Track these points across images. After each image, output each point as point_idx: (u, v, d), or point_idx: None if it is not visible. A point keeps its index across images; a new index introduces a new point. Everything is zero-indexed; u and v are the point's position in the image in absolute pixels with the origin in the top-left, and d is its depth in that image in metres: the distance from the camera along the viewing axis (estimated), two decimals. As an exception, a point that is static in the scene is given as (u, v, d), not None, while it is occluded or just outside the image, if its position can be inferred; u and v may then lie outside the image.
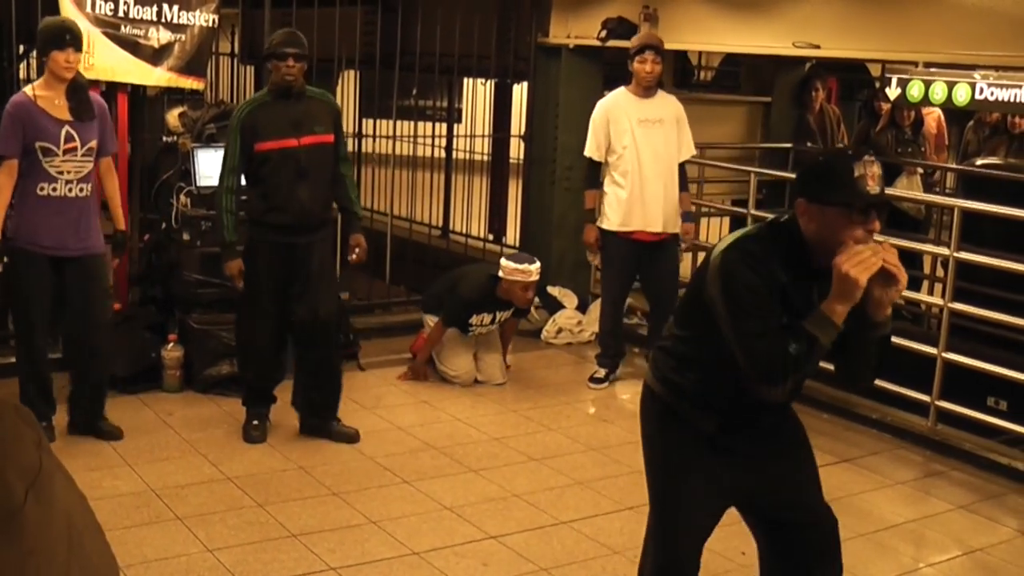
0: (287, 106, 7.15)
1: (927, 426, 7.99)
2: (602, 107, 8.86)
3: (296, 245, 7.20)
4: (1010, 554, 6.32)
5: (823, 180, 4.00)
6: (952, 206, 8.87)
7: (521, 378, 8.82)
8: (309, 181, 7.16)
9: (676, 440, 4.34)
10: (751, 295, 3.94)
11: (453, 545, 6.01)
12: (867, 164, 3.88)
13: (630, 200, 8.70)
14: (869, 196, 3.87)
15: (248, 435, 7.39)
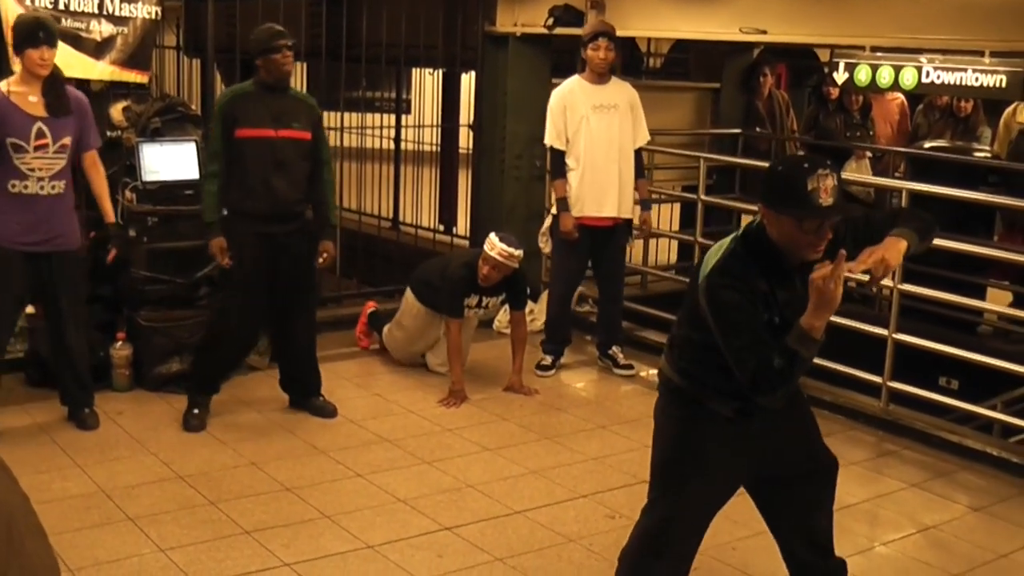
0: (269, 100, 7.31)
1: (879, 407, 8.03)
2: (559, 95, 8.89)
3: (274, 235, 7.33)
4: (962, 530, 6.37)
5: (778, 190, 4.25)
6: (900, 188, 8.90)
7: (474, 368, 8.79)
8: (284, 173, 7.32)
9: (697, 425, 4.61)
10: (737, 313, 4.21)
11: (408, 537, 5.99)
12: (821, 177, 4.09)
13: (584, 186, 8.73)
14: (819, 210, 4.10)
15: (187, 423, 7.43)
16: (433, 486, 6.68)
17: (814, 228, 4.16)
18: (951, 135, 12.09)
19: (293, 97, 7.50)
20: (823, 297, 4.03)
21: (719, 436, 4.58)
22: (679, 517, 4.66)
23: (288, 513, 6.21)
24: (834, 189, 4.13)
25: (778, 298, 4.29)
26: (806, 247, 4.22)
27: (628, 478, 6.92)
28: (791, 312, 4.22)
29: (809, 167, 4.17)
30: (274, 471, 6.76)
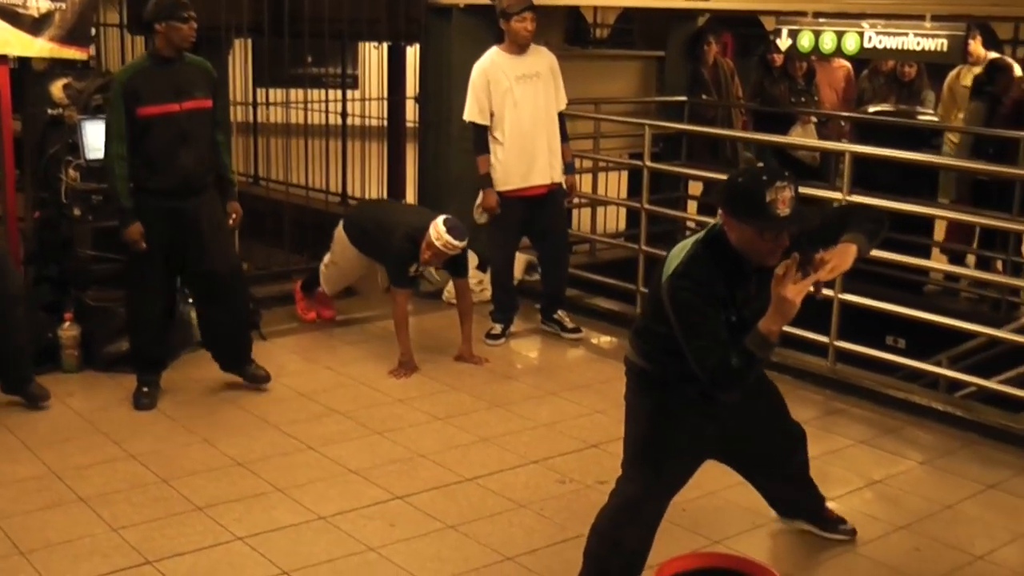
0: (167, 72, 7.16)
1: (827, 366, 8.09)
2: (480, 70, 8.87)
3: (183, 209, 7.25)
4: (909, 484, 6.44)
5: (738, 201, 4.49)
6: (843, 151, 8.95)
7: (424, 339, 8.79)
8: (191, 146, 7.22)
9: (668, 404, 4.88)
10: (698, 315, 4.49)
11: (360, 508, 6.01)
12: (779, 189, 4.35)
13: (513, 157, 8.76)
14: (778, 220, 4.37)
15: (138, 402, 7.42)
16: (384, 456, 6.70)
17: (773, 236, 4.43)
18: (895, 99, 12.16)
19: (190, 64, 7.32)
20: (785, 304, 4.27)
21: (688, 413, 4.85)
22: (654, 492, 4.88)
23: (240, 488, 6.22)
24: (792, 200, 4.38)
25: (736, 298, 4.56)
26: (766, 253, 4.47)
27: (578, 443, 6.97)
28: (748, 312, 4.52)
29: (768, 179, 4.41)
30: (225, 447, 6.77)
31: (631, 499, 4.90)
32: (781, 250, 4.46)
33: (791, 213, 4.39)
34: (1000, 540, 5.93)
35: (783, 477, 5.69)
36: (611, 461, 6.54)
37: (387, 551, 5.55)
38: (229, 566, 5.36)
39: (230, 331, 7.78)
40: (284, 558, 5.44)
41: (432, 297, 9.95)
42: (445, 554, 5.55)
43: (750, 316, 4.48)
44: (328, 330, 9.12)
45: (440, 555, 5.54)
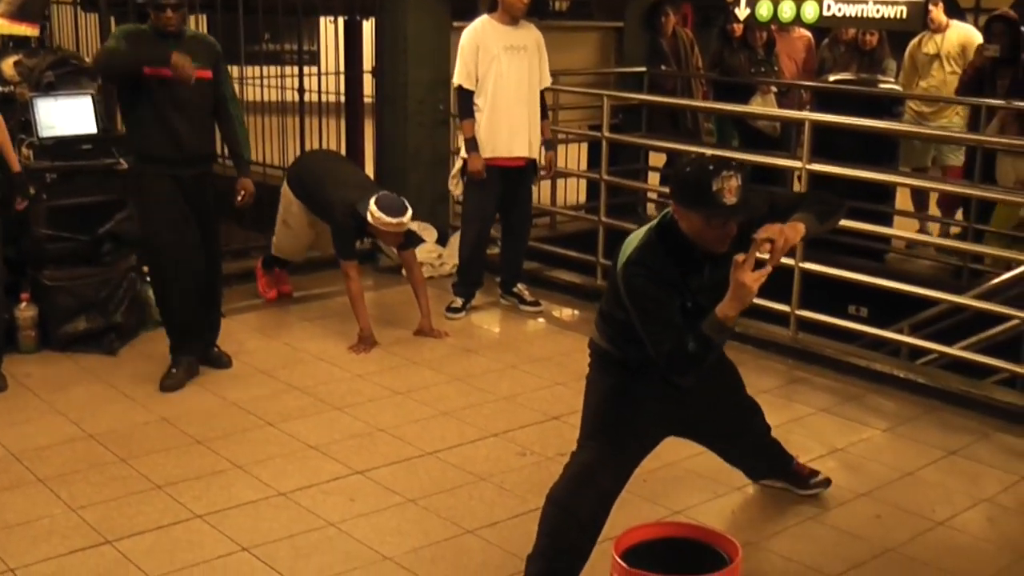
0: (166, 43, 7.07)
1: (789, 335, 8.11)
2: (470, 34, 8.83)
3: (181, 178, 7.23)
4: (870, 451, 6.47)
5: (686, 190, 4.59)
6: (803, 119, 8.95)
7: (383, 313, 8.78)
8: (186, 114, 7.18)
9: (627, 380, 4.98)
10: (652, 302, 4.63)
11: (319, 483, 5.99)
12: (725, 179, 4.44)
13: (495, 127, 8.74)
14: (724, 209, 4.46)
15: (164, 382, 7.36)
16: (344, 431, 6.68)
17: (720, 224, 4.53)
18: (856, 68, 12.16)
19: (191, 38, 7.32)
20: (743, 290, 4.42)
21: (648, 393, 4.98)
22: (609, 462, 4.88)
23: (199, 465, 6.19)
24: (738, 189, 4.46)
25: (690, 285, 4.68)
26: (714, 241, 4.59)
27: (538, 416, 6.96)
28: (703, 298, 4.63)
29: (715, 169, 4.50)
30: (184, 425, 6.73)
31: (585, 467, 4.90)
32: (729, 238, 4.60)
33: (738, 201, 4.48)
34: (961, 506, 5.95)
35: (746, 447, 5.81)
36: (572, 433, 6.53)
37: (347, 526, 5.53)
38: (189, 544, 5.33)
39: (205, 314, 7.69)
40: (244, 535, 5.42)
41: (391, 272, 9.92)
42: (405, 528, 5.54)
43: (705, 303, 4.61)
44: (287, 307, 9.08)
45: (400, 529, 5.52)
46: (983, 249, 10.38)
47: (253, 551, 5.27)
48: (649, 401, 5.00)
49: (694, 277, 4.71)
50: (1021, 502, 6.11)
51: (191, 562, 5.16)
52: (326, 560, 5.21)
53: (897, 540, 5.55)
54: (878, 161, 11.03)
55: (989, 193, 10.12)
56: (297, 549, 5.30)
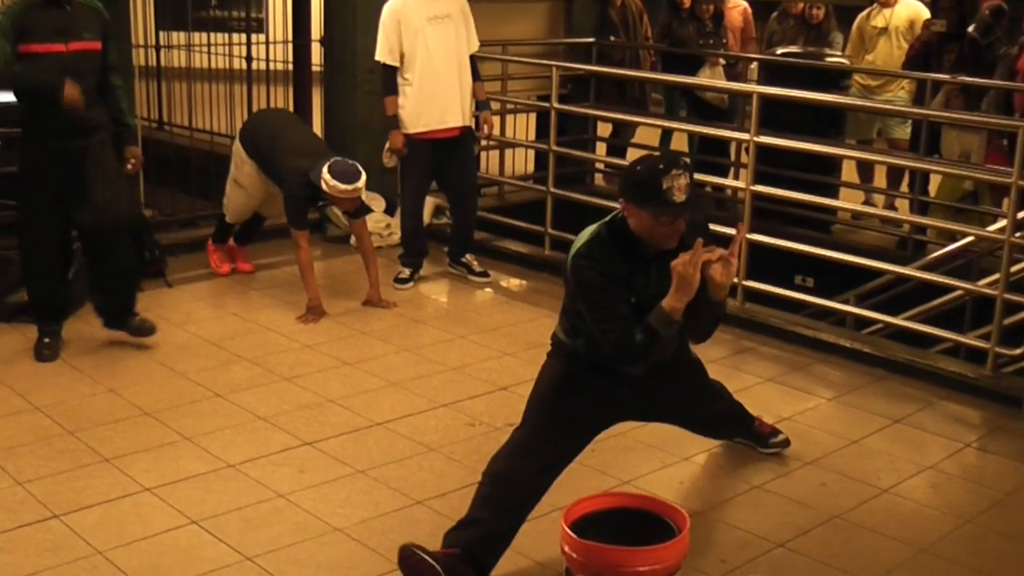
0: (56, 12, 6.96)
1: (736, 305, 8.13)
2: (391, 10, 8.77)
3: (70, 149, 7.09)
4: (816, 419, 6.52)
5: (636, 188, 4.72)
6: (751, 92, 8.98)
7: (331, 283, 8.76)
8: (74, 78, 6.97)
9: (576, 367, 5.06)
10: (599, 293, 4.75)
11: (268, 454, 5.98)
12: (674, 177, 4.57)
13: (424, 99, 8.71)
14: (673, 207, 4.59)
15: (39, 353, 7.29)
16: (293, 402, 6.67)
17: (669, 221, 4.65)
18: (804, 41, 12.23)
19: (80, 5, 7.13)
20: (684, 282, 4.55)
21: (597, 380, 5.05)
22: (546, 440, 4.92)
23: (148, 438, 6.16)
24: (687, 187, 4.60)
25: (635, 282, 4.80)
26: (662, 238, 4.71)
27: (488, 386, 6.98)
28: (650, 295, 4.75)
29: (664, 168, 4.63)
30: (132, 396, 6.70)
31: (522, 444, 4.96)
32: (678, 235, 4.73)
33: (687, 199, 4.62)
34: (905, 473, 6.01)
35: (705, 425, 5.99)
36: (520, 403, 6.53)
37: (296, 497, 5.53)
38: (138, 517, 5.31)
39: (109, 287, 7.51)
40: (193, 507, 5.41)
41: (340, 241, 9.90)
42: (355, 499, 5.54)
43: (650, 300, 4.74)
44: (235, 276, 9.03)
45: (350, 500, 5.53)
46: (928, 221, 10.46)
47: (202, 524, 5.26)
48: (597, 389, 5.06)
49: (640, 275, 4.82)
50: (964, 469, 6.20)
51: (140, 536, 5.15)
52: (275, 532, 5.21)
53: (843, 507, 5.60)
54: (825, 134, 11.10)
55: (934, 166, 10.20)
56: (246, 521, 5.30)
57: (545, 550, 4.90)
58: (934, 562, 5.15)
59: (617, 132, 13.45)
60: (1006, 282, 7.20)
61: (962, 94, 10.91)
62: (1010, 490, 5.89)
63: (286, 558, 4.99)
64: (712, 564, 5.03)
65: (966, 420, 6.88)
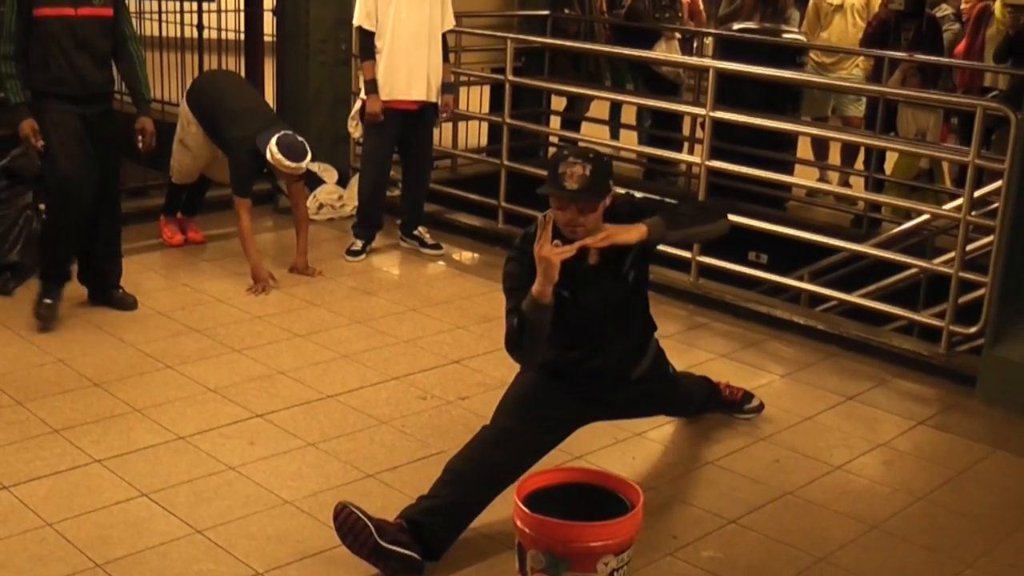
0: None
1: (689, 281, 8.13)
2: None
3: (83, 116, 7.15)
4: (769, 396, 6.49)
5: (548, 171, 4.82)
6: (707, 67, 8.97)
7: (283, 254, 8.72)
8: (88, 52, 7.11)
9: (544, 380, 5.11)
10: (512, 282, 4.91)
11: (219, 426, 5.95)
12: (570, 165, 4.70)
13: (393, 68, 8.66)
14: (561, 190, 4.70)
15: (39, 313, 7.30)
16: (243, 374, 6.63)
17: (562, 208, 4.76)
18: (760, 17, 12.23)
19: None
20: (543, 264, 4.59)
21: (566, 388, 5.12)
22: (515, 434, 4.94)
23: (97, 409, 6.12)
24: (581, 178, 4.67)
25: (571, 273, 4.79)
26: (564, 225, 4.79)
27: (439, 359, 6.96)
28: (581, 287, 4.93)
29: (565, 155, 4.79)
30: (81, 367, 6.65)
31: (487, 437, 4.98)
32: (580, 227, 4.77)
33: (577, 189, 4.68)
34: (858, 450, 6.03)
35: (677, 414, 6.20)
36: (472, 377, 6.59)
37: (247, 470, 5.50)
38: (87, 489, 5.27)
39: (105, 254, 7.65)
40: (143, 479, 5.37)
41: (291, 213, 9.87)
42: (306, 472, 5.51)
43: (584, 292, 4.93)
44: (186, 247, 8.96)
45: (301, 473, 5.50)
46: (883, 199, 10.48)
47: (152, 496, 5.22)
48: (566, 397, 5.12)
49: (576, 265, 4.83)
50: (917, 447, 6.21)
51: (90, 508, 5.10)
52: (226, 504, 5.18)
53: (795, 484, 5.61)
54: (781, 110, 11.11)
55: (890, 143, 10.23)
56: (197, 493, 5.27)
57: (497, 524, 4.88)
58: (885, 539, 5.16)
59: (571, 105, 13.43)
60: (961, 260, 7.22)
61: (919, 72, 10.95)
62: (962, 468, 5.91)
63: (236, 530, 4.96)
64: (664, 540, 5.04)
65: (920, 398, 6.89)
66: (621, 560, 4.17)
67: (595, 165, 4.72)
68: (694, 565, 4.87)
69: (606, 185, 4.79)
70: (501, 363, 6.65)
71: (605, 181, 4.78)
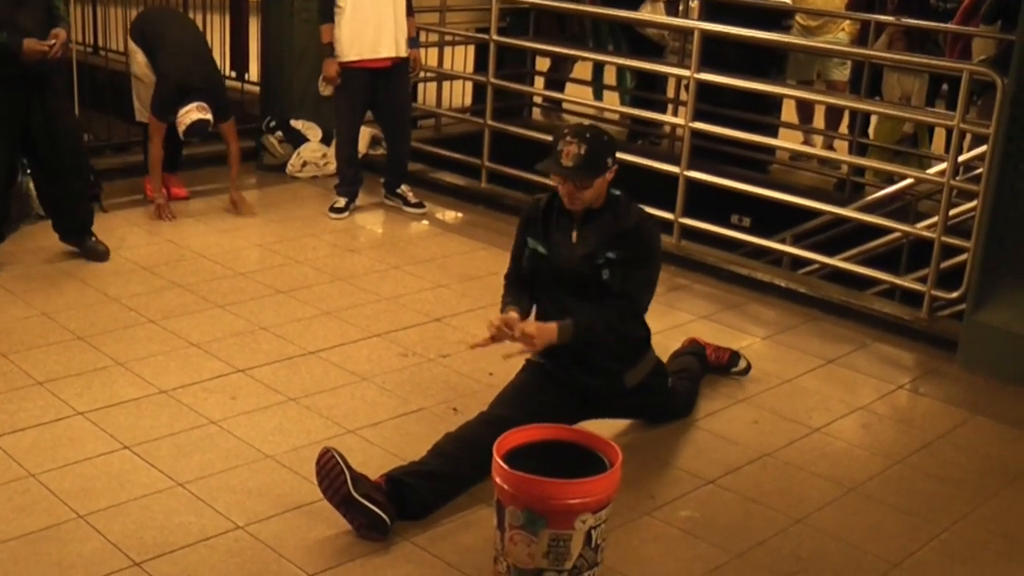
0: None
1: (672, 243, 8.13)
2: None
3: (27, 73, 7.11)
4: (750, 358, 6.50)
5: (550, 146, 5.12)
6: (692, 28, 8.95)
7: (267, 212, 8.72)
8: (27, 9, 7.08)
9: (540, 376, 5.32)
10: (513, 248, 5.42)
11: (201, 381, 5.96)
12: (567, 143, 4.97)
13: (360, 28, 8.64)
14: (559, 168, 4.99)
15: None
16: (226, 329, 6.64)
17: (560, 182, 5.07)
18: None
19: None
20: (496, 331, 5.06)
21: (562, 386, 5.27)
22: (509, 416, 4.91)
23: (80, 362, 6.13)
24: (576, 156, 4.95)
25: (552, 236, 5.23)
26: (564, 196, 5.11)
27: (421, 317, 6.97)
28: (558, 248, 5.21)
29: (564, 134, 5.05)
30: (65, 320, 6.65)
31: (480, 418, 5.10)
32: (577, 200, 5.07)
33: (572, 166, 4.95)
34: (837, 413, 6.06)
35: None
36: (453, 335, 6.61)
37: (228, 424, 5.51)
38: (70, 441, 5.28)
39: (71, 202, 7.67)
40: (125, 432, 5.38)
41: (275, 170, 9.87)
42: (287, 427, 5.53)
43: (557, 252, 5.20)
44: (169, 203, 8.92)
45: (282, 428, 5.52)
46: (866, 162, 10.49)
47: (134, 449, 5.23)
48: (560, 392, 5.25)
49: (561, 231, 5.22)
50: (896, 410, 6.25)
51: (72, 459, 5.12)
52: (207, 458, 5.19)
53: (773, 445, 5.64)
54: (765, 73, 11.11)
55: (874, 107, 10.24)
56: (178, 447, 5.28)
57: (476, 481, 4.91)
58: (862, 501, 5.19)
59: (556, 66, 13.42)
60: (944, 225, 7.24)
61: (904, 36, 10.95)
62: (941, 432, 5.94)
63: (217, 484, 4.98)
64: (642, 500, 5.06)
65: (900, 362, 6.93)
66: (599, 518, 4.19)
67: (591, 144, 4.96)
68: (671, 525, 4.90)
69: (603, 163, 5.01)
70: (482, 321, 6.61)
71: (602, 159, 5.00)
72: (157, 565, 4.37)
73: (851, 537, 4.89)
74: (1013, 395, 6.46)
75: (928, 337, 7.10)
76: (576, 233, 5.16)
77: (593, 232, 5.13)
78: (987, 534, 5.01)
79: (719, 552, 4.71)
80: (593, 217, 5.15)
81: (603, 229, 5.12)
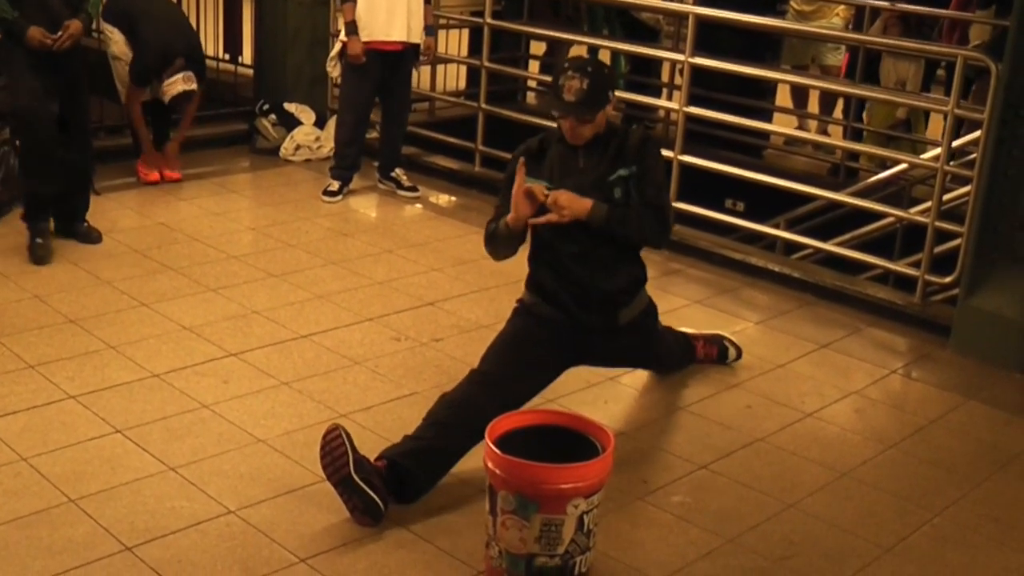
0: None
1: (665, 227, 8.11)
2: None
3: (50, 52, 7.11)
4: (742, 343, 6.49)
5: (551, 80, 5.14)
6: (687, 13, 8.93)
7: (260, 196, 8.72)
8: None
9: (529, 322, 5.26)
10: (499, 198, 5.25)
11: (193, 364, 5.95)
12: (569, 78, 4.93)
13: (374, 9, 8.60)
14: (559, 103, 4.97)
15: (34, 254, 7.32)
16: (218, 313, 6.64)
17: (562, 117, 5.03)
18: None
19: None
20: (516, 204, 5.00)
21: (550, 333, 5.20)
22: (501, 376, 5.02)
23: (72, 345, 6.12)
24: (578, 91, 4.91)
25: (560, 167, 5.13)
26: (566, 131, 5.07)
27: (414, 301, 6.96)
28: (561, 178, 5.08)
29: (566, 68, 5.02)
30: (57, 303, 6.64)
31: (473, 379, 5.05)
32: (578, 135, 5.04)
33: (574, 101, 4.92)
34: (830, 398, 6.06)
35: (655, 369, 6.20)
36: (446, 319, 6.60)
37: (220, 408, 5.51)
38: (62, 424, 5.28)
39: (73, 186, 7.63)
40: (117, 416, 5.38)
41: (269, 153, 9.85)
42: (279, 411, 5.53)
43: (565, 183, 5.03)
44: (163, 186, 8.93)
45: (274, 412, 5.51)
46: (861, 147, 10.48)
47: (126, 432, 5.23)
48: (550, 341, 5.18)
49: (566, 163, 5.12)
50: (889, 395, 6.26)
51: (64, 443, 5.11)
52: (199, 442, 5.19)
53: (766, 430, 5.64)
54: (760, 58, 11.09)
55: (869, 92, 10.22)
56: (170, 431, 5.27)
57: (467, 465, 4.87)
58: (855, 486, 5.19)
59: (551, 50, 13.40)
60: (938, 210, 7.24)
61: (900, 22, 10.93)
62: (933, 417, 5.94)
63: (209, 468, 4.97)
64: (634, 484, 5.06)
65: (893, 347, 6.94)
66: (591, 503, 4.18)
67: (593, 78, 4.93)
68: (664, 510, 4.90)
69: (604, 96, 5.00)
70: (476, 305, 6.68)
71: (603, 93, 4.99)
72: (148, 549, 4.37)
73: (843, 522, 4.89)
74: (1005, 380, 6.47)
75: (921, 322, 7.10)
76: (583, 160, 5.10)
77: (599, 155, 5.09)
78: (979, 518, 5.01)
79: (712, 537, 4.71)
80: (598, 141, 5.10)
81: (609, 150, 5.09)
